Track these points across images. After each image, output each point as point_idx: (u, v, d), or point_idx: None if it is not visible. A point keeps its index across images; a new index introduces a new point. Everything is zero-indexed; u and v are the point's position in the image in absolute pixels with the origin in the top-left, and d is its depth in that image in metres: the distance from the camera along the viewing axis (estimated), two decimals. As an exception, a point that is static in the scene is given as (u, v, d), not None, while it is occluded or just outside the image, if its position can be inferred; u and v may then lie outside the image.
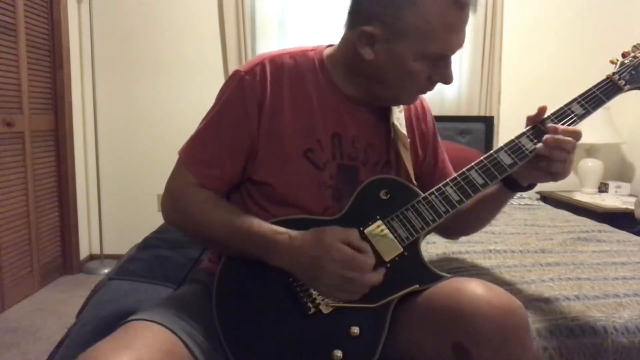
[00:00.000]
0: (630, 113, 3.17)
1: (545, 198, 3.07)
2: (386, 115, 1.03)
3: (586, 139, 2.94)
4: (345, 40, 0.97)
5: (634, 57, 1.01)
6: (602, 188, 3.06)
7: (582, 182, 3.08)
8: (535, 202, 2.68)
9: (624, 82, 0.98)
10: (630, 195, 2.99)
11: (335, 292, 0.86)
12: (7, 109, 2.48)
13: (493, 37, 3.09)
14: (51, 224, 2.90)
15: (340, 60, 0.98)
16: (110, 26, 3.11)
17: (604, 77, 0.99)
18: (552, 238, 1.71)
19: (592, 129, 2.94)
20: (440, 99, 3.18)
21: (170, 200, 0.96)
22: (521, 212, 2.27)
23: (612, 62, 1.03)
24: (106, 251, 3.18)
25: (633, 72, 0.99)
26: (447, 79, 0.93)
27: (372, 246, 0.89)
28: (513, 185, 0.97)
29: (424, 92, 0.97)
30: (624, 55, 1.02)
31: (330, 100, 0.98)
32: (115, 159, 3.20)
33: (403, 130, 1.03)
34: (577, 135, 0.90)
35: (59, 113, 2.93)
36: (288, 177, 0.94)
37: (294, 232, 0.88)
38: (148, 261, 1.47)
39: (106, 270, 2.85)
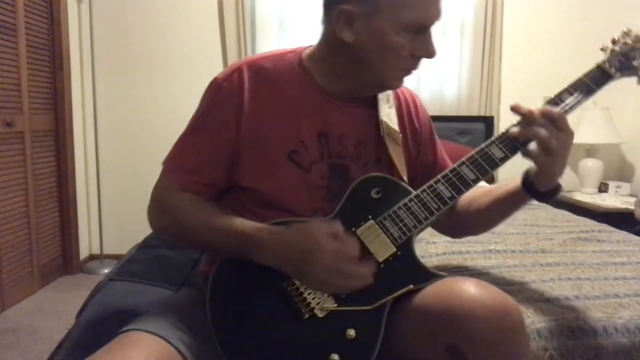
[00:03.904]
0: (630, 113, 3.17)
1: (545, 198, 3.06)
2: (375, 112, 1.02)
3: (586, 139, 2.95)
4: (323, 34, 0.96)
5: (624, 44, 0.97)
6: (602, 188, 3.06)
7: (582, 182, 3.08)
8: (536, 202, 2.67)
9: (614, 70, 0.95)
10: (630, 195, 2.99)
11: (324, 286, 0.85)
12: (7, 109, 2.48)
13: (493, 37, 3.09)
14: (51, 224, 2.90)
15: (320, 56, 0.97)
16: (110, 26, 3.11)
17: (594, 65, 0.97)
18: (552, 238, 1.70)
19: (592, 129, 2.95)
20: (440, 99, 3.19)
21: (156, 207, 0.97)
22: (521, 212, 2.24)
23: (602, 49, 1.00)
24: (106, 251, 3.18)
25: (622, 59, 0.96)
26: (429, 53, 0.91)
27: (364, 247, 0.88)
28: (532, 190, 0.93)
29: (409, 70, 0.95)
30: (613, 42, 0.99)
31: (314, 100, 0.97)
32: (115, 158, 3.20)
33: (394, 126, 1.01)
34: (550, 115, 0.86)
35: (59, 113, 2.93)
36: (274, 181, 0.93)
37: (273, 228, 0.87)
38: (148, 262, 1.46)
39: (106, 270, 2.85)
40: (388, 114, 1.02)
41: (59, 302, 2.57)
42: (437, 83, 3.19)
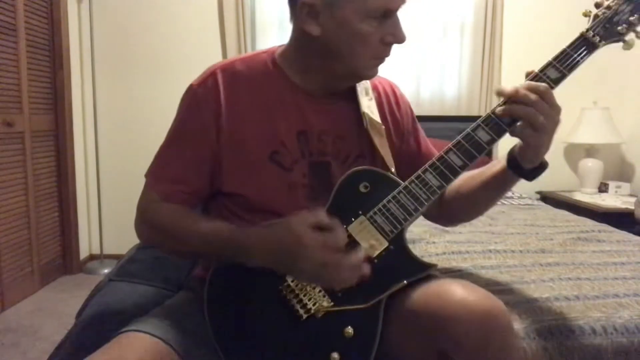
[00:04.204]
0: (630, 113, 3.16)
1: (545, 198, 3.07)
2: (354, 106, 1.00)
3: (586, 139, 2.95)
4: (292, 30, 0.96)
5: (607, 7, 0.90)
6: (602, 188, 3.06)
7: (582, 182, 3.07)
8: (535, 202, 2.68)
9: (598, 39, 0.90)
10: (630, 195, 2.99)
11: (318, 281, 0.83)
12: (7, 109, 2.48)
13: (493, 37, 3.09)
14: (51, 224, 2.90)
15: (292, 53, 0.97)
16: (110, 26, 3.12)
17: (577, 34, 0.92)
18: (552, 238, 1.70)
19: (592, 129, 2.94)
20: (440, 99, 3.19)
21: (142, 219, 0.96)
22: (521, 212, 2.27)
23: (585, 14, 0.93)
24: (106, 251, 3.18)
25: (607, 25, 0.90)
26: (398, 38, 0.89)
27: (356, 243, 0.86)
28: (517, 168, 0.90)
29: (381, 58, 0.92)
30: (597, 5, 0.92)
31: (290, 99, 0.96)
32: (115, 159, 3.20)
33: (376, 118, 1.00)
34: (536, 90, 0.83)
35: (59, 113, 2.93)
36: (257, 184, 0.92)
37: (264, 230, 0.84)
38: (148, 262, 1.46)
39: (106, 270, 2.85)
40: (369, 106, 1.00)
41: (59, 302, 2.57)
42: (437, 83, 3.19)
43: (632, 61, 3.00)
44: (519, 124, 0.86)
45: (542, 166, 0.90)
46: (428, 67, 3.16)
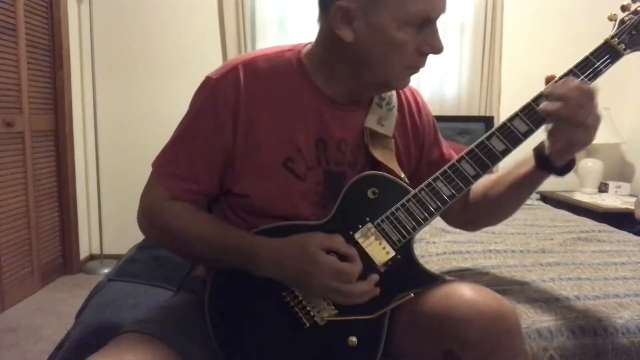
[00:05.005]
0: (630, 113, 3.16)
1: (545, 198, 3.07)
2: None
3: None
4: (321, 32, 0.90)
5: (635, 12, 0.85)
6: (602, 188, 3.06)
7: (582, 182, 3.08)
8: (535, 202, 2.68)
9: (623, 46, 0.84)
10: (630, 195, 2.99)
11: (325, 299, 0.84)
12: (7, 109, 2.48)
13: (493, 37, 3.09)
14: (51, 224, 2.90)
15: (318, 57, 0.91)
16: (110, 26, 3.11)
17: (601, 41, 0.86)
18: (552, 238, 1.71)
19: (592, 128, 2.94)
20: (440, 98, 3.19)
21: (146, 215, 0.93)
22: (521, 212, 2.26)
23: (610, 19, 0.88)
24: (106, 251, 3.18)
25: (634, 32, 0.84)
26: (436, 48, 0.85)
27: (363, 251, 0.84)
28: (549, 167, 0.85)
29: (416, 68, 0.88)
30: (623, 9, 0.86)
31: (312, 103, 0.91)
32: (115, 159, 3.20)
33: (385, 131, 0.96)
34: (587, 91, 0.79)
35: (59, 113, 2.93)
36: (266, 189, 0.89)
37: (275, 242, 0.83)
38: (147, 262, 1.46)
39: (106, 270, 2.85)
40: (380, 118, 0.96)
41: (59, 302, 2.57)
42: (437, 83, 3.19)
43: (632, 61, 2.99)
44: (546, 124, 0.82)
45: (573, 160, 0.87)
46: (428, 67, 3.11)
